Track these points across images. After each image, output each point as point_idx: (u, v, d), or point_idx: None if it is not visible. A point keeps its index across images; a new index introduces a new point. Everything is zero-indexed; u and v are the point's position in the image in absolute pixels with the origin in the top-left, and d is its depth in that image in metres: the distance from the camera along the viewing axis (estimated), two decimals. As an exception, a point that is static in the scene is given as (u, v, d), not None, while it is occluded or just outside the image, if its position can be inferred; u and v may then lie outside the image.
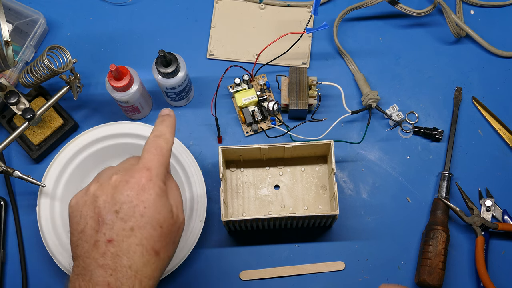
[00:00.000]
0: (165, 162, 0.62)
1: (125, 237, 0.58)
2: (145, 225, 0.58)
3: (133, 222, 0.58)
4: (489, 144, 0.88)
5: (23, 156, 0.89)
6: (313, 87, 0.87)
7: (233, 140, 0.89)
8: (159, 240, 0.59)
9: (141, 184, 0.59)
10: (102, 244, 0.58)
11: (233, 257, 0.85)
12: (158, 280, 0.60)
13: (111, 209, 0.58)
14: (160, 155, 0.62)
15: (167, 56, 0.79)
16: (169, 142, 0.64)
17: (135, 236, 0.58)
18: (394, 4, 0.91)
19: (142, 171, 0.60)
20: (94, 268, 0.57)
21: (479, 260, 0.81)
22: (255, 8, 0.94)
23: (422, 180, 0.87)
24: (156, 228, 0.59)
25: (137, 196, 0.59)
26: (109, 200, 0.59)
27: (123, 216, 0.58)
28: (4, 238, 0.85)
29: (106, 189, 0.60)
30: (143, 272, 0.58)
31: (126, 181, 0.59)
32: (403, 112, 0.89)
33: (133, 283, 0.57)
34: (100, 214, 0.59)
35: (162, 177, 0.61)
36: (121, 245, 0.57)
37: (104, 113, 0.90)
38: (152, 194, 0.59)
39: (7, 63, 0.75)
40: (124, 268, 0.57)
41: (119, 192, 0.59)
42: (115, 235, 0.58)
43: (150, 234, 0.58)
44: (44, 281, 0.85)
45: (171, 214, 0.61)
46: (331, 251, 0.85)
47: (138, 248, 0.58)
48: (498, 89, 0.91)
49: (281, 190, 0.85)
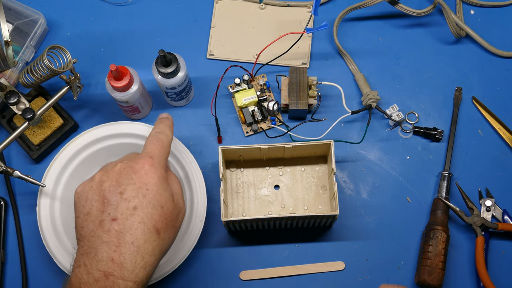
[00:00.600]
0: (166, 154, 0.68)
1: (129, 215, 0.61)
2: (147, 204, 0.62)
3: (136, 202, 0.62)
4: (489, 144, 0.88)
5: (23, 156, 0.89)
6: (313, 87, 0.87)
7: (233, 140, 0.89)
8: (160, 219, 0.63)
9: (145, 169, 0.64)
10: (107, 222, 0.62)
11: (233, 257, 0.85)
12: (159, 259, 0.64)
13: (116, 191, 0.63)
14: (161, 147, 0.68)
15: (167, 56, 0.79)
16: (168, 137, 0.70)
17: (137, 214, 0.62)
18: (394, 4, 0.91)
19: (145, 158, 0.65)
20: (99, 245, 0.61)
21: (479, 260, 0.81)
22: (255, 8, 0.94)
23: (422, 180, 0.87)
24: (157, 208, 0.63)
25: (140, 179, 0.63)
26: (114, 184, 0.64)
27: (127, 197, 0.62)
28: (4, 238, 0.85)
29: (111, 175, 0.65)
30: (145, 248, 0.61)
31: (131, 166, 0.64)
32: (403, 112, 0.89)
33: (135, 258, 0.61)
34: (105, 196, 0.63)
35: (163, 165, 0.66)
36: (124, 223, 0.61)
37: (104, 113, 0.90)
38: (154, 177, 0.64)
39: (7, 63, 0.75)
40: (127, 244, 0.61)
41: (124, 176, 0.64)
42: (119, 214, 0.62)
43: (151, 213, 0.62)
44: (44, 281, 0.85)
45: (171, 198, 0.65)
46: (331, 251, 0.85)
47: (140, 226, 0.61)
48: (498, 89, 0.91)
49: (281, 190, 0.85)
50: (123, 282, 0.60)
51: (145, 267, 0.61)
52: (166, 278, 0.81)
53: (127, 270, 0.60)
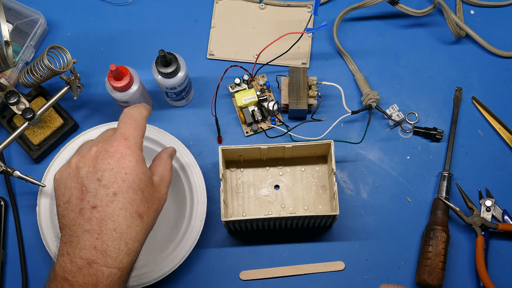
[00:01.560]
0: (141, 132, 0.66)
1: (109, 202, 0.60)
2: (127, 189, 0.61)
3: (116, 188, 0.61)
4: (489, 144, 0.88)
5: (23, 156, 0.89)
6: (313, 87, 0.87)
7: (233, 140, 0.89)
8: (141, 203, 0.62)
9: (120, 152, 0.62)
10: (87, 211, 0.60)
11: (233, 257, 0.85)
12: (142, 242, 0.63)
13: (93, 177, 0.61)
14: (135, 125, 0.65)
15: (167, 56, 0.79)
16: (142, 113, 0.67)
17: (118, 200, 0.61)
18: (394, 4, 0.91)
19: (120, 140, 0.63)
20: (80, 233, 0.60)
21: (479, 260, 0.81)
22: (255, 8, 0.94)
23: (422, 180, 0.87)
24: (138, 193, 0.62)
25: (117, 163, 0.61)
26: (91, 170, 0.62)
27: (106, 183, 0.61)
28: (4, 238, 0.85)
29: (87, 160, 0.63)
30: (128, 233, 0.61)
31: (106, 150, 0.62)
32: (403, 112, 0.89)
33: (119, 245, 0.60)
34: (83, 183, 0.62)
35: (139, 145, 0.64)
36: (105, 210, 0.60)
37: (104, 113, 0.90)
38: (132, 161, 0.62)
39: (7, 63, 0.75)
40: (110, 231, 0.60)
41: (100, 161, 0.62)
42: (98, 201, 0.60)
43: (132, 198, 0.61)
44: (44, 281, 0.84)
45: (151, 181, 0.64)
46: (331, 251, 0.85)
47: (121, 212, 0.61)
48: (498, 89, 0.91)
49: (281, 190, 0.85)
50: (107, 269, 0.59)
51: (129, 253, 0.61)
52: (166, 278, 0.81)
53: (110, 257, 0.59)
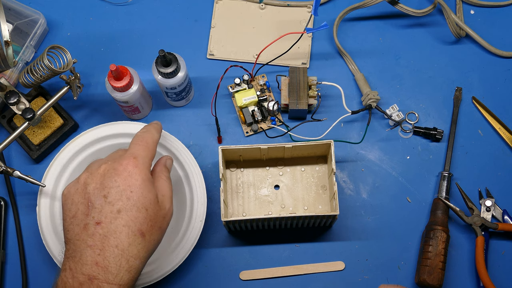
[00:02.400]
0: (150, 154, 0.68)
1: (113, 219, 0.61)
2: (131, 207, 0.62)
3: (120, 205, 0.62)
4: (489, 144, 0.88)
5: (23, 156, 0.89)
6: (313, 87, 0.87)
7: (233, 140, 0.89)
8: (144, 222, 0.63)
9: (128, 171, 0.63)
10: (91, 226, 0.61)
11: (233, 257, 0.85)
12: (144, 261, 0.64)
13: (100, 194, 0.62)
14: (145, 147, 0.67)
15: (167, 56, 0.79)
16: (154, 137, 0.70)
17: (121, 217, 0.61)
18: (394, 4, 0.91)
19: (129, 159, 0.64)
20: (83, 248, 0.61)
21: (479, 260, 0.81)
22: (255, 8, 0.94)
23: (422, 180, 0.87)
24: (142, 211, 0.63)
25: (124, 181, 0.63)
26: (98, 187, 0.63)
27: (111, 200, 0.62)
28: (4, 238, 0.85)
29: (95, 177, 0.64)
30: (129, 251, 0.61)
31: (114, 168, 0.64)
32: (403, 112, 0.89)
33: (120, 261, 0.61)
34: (89, 199, 0.63)
35: (148, 166, 0.66)
36: (108, 226, 0.61)
37: (104, 113, 0.90)
38: (138, 179, 0.63)
39: (7, 63, 0.75)
40: (111, 248, 0.61)
41: (108, 178, 0.63)
42: (103, 217, 0.61)
43: (135, 216, 0.62)
44: (44, 281, 0.85)
45: (156, 200, 0.65)
46: (331, 251, 0.85)
47: (124, 229, 0.61)
48: (498, 89, 0.91)
49: (281, 190, 0.85)
50: (108, 285, 0.60)
51: (129, 270, 0.61)
52: (166, 278, 0.81)
53: (111, 274, 0.60)
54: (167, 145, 0.83)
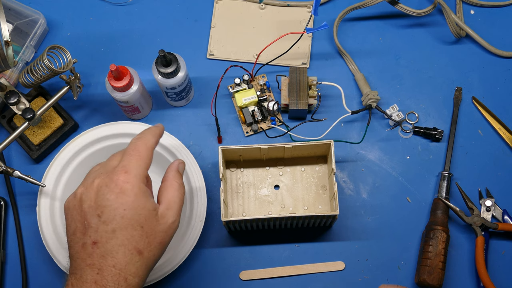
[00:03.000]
0: (143, 163, 0.64)
1: (108, 238, 0.61)
2: (126, 226, 0.61)
3: (115, 225, 0.61)
4: (489, 144, 0.88)
5: (23, 156, 0.89)
6: (313, 87, 0.87)
7: (233, 140, 0.89)
8: (141, 239, 0.62)
9: (120, 187, 0.62)
10: (88, 246, 0.61)
11: (233, 257, 0.85)
12: (144, 277, 0.63)
13: (94, 213, 0.62)
14: (137, 157, 0.64)
15: (167, 56, 0.79)
16: (148, 143, 0.66)
17: (117, 237, 0.61)
18: (394, 4, 0.91)
19: (120, 174, 0.62)
20: (83, 267, 0.61)
21: (479, 260, 0.81)
22: (255, 8, 0.94)
23: (422, 180, 0.87)
24: (137, 228, 0.62)
25: (116, 199, 0.61)
26: (92, 205, 0.62)
27: (105, 220, 0.61)
28: (4, 238, 0.85)
29: (89, 193, 0.63)
30: (127, 270, 0.61)
31: (106, 184, 0.62)
32: (403, 112, 0.89)
33: (118, 281, 0.60)
34: (85, 218, 0.62)
35: (141, 177, 0.63)
36: (105, 246, 0.61)
37: (104, 113, 0.90)
38: (131, 196, 0.62)
39: (7, 63, 0.75)
40: (109, 267, 0.60)
41: (101, 196, 0.62)
42: (99, 237, 0.61)
43: (131, 235, 0.61)
44: (44, 281, 0.85)
45: (153, 214, 0.63)
46: (331, 251, 0.85)
47: (120, 248, 0.61)
48: (498, 89, 0.91)
49: (281, 190, 0.85)
50: None
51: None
52: (166, 278, 0.82)
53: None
54: (167, 145, 0.83)
